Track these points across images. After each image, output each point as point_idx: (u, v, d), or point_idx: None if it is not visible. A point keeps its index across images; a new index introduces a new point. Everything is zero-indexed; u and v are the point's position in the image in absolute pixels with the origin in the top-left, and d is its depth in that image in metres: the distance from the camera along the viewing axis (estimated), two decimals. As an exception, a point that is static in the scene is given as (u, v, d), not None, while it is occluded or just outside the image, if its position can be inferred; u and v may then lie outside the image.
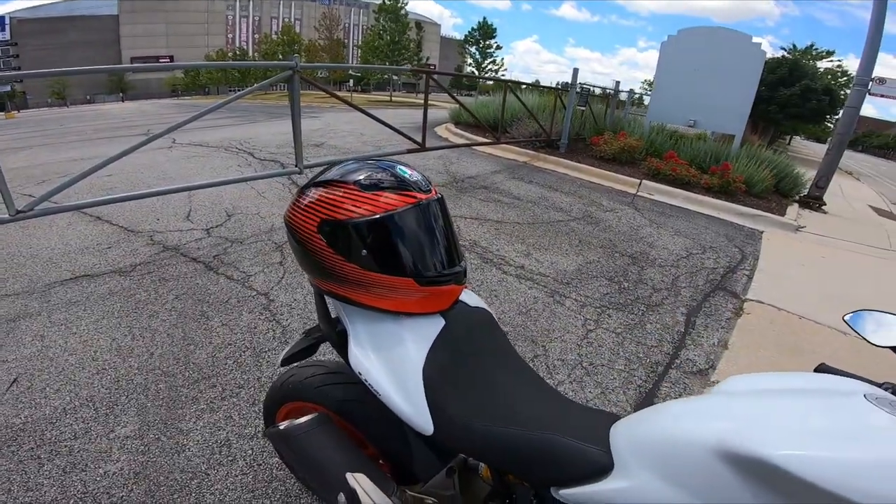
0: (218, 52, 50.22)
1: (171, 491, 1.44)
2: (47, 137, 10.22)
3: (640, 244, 3.97)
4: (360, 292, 0.87)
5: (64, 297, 2.60)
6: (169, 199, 4.22)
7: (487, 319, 1.00)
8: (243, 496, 1.43)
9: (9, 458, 1.53)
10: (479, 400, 0.84)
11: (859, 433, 0.57)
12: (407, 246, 0.85)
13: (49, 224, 3.66)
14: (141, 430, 1.68)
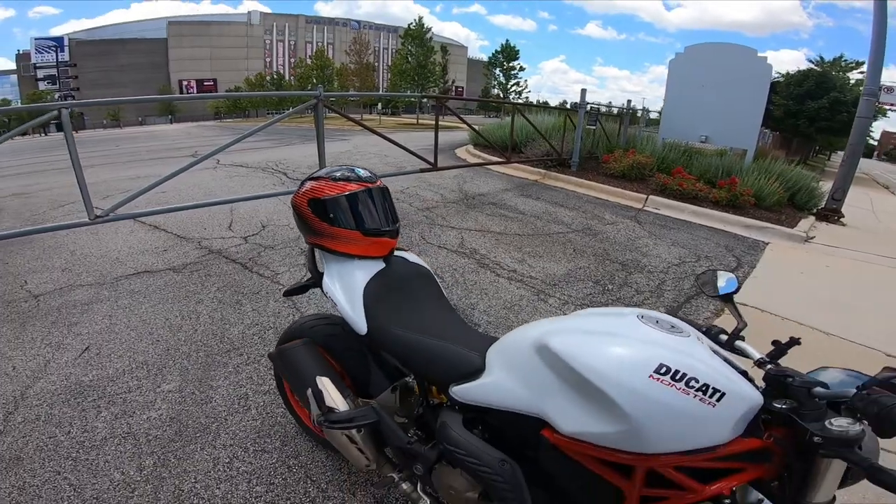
0: (257, 75, 53.15)
1: (195, 431, 1.88)
2: (106, 157, 11.35)
3: (633, 253, 4.26)
4: (331, 242, 1.36)
5: (128, 288, 3.18)
6: (214, 212, 4.87)
7: (424, 272, 1.45)
8: (250, 436, 1.86)
9: (74, 406, 2.02)
10: (400, 315, 1.26)
11: (613, 336, 0.92)
12: (356, 212, 1.33)
13: (115, 231, 4.34)
14: (181, 387, 2.16)
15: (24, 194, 6.50)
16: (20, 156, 12.46)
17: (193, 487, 1.59)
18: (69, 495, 1.54)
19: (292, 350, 1.46)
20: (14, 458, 1.70)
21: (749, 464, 0.84)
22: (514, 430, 1.03)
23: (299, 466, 1.70)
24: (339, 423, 1.25)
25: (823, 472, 0.80)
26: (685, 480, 0.84)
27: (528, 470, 1.02)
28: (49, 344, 2.52)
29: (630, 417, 0.83)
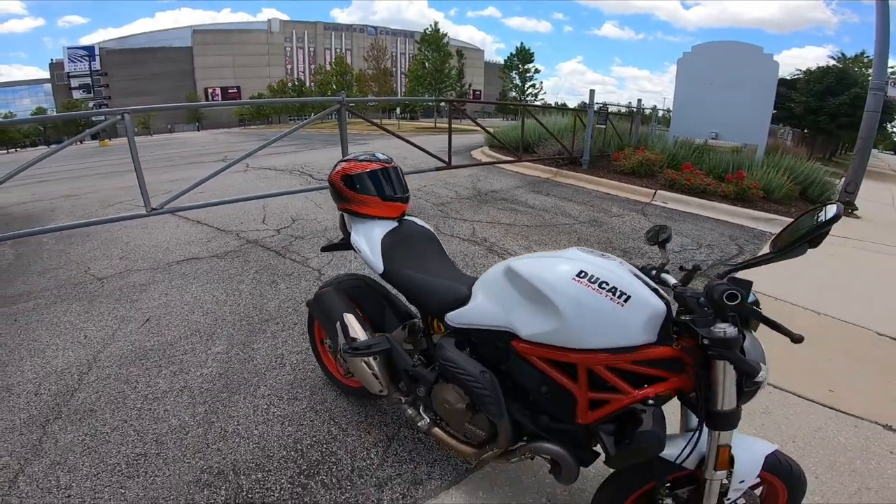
0: (279, 82, 54.63)
1: (238, 383, 2.26)
2: (145, 163, 11.94)
3: (635, 241, 4.52)
4: (357, 206, 1.76)
5: (179, 271, 3.63)
6: (248, 209, 5.34)
7: (428, 233, 1.81)
8: (284, 387, 2.22)
9: (139, 367, 2.41)
10: (408, 260, 1.62)
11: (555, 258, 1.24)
12: (376, 183, 1.73)
13: (163, 225, 4.83)
14: (227, 349, 2.55)
15: (73, 196, 7.12)
16: (60, 163, 13.33)
17: (236, 429, 1.95)
18: (133, 439, 1.89)
19: (326, 294, 1.84)
20: (88, 411, 2.07)
21: (670, 373, 1.10)
22: (492, 346, 1.34)
23: (325, 411, 2.06)
24: (359, 350, 1.61)
25: (720, 379, 1.03)
26: (618, 382, 1.12)
27: (503, 381, 1.33)
28: (115, 317, 2.96)
29: (561, 312, 1.14)
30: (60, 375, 2.34)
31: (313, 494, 1.61)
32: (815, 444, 1.96)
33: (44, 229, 4.45)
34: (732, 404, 1.06)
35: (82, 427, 1.96)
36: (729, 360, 1.00)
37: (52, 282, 3.56)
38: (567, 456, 1.24)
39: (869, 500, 1.69)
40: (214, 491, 1.62)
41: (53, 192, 7.71)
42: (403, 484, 1.66)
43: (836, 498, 1.69)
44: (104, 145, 25.73)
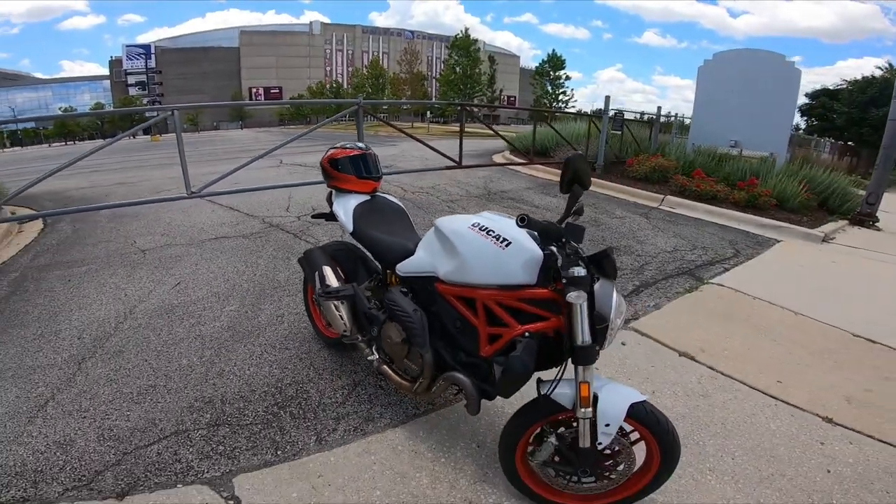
0: (318, 84, 56.52)
1: (242, 335, 2.68)
2: (189, 157, 12.97)
3: (629, 241, 4.71)
4: (339, 182, 2.19)
5: (209, 247, 4.15)
6: (276, 198, 5.88)
7: (397, 207, 2.18)
8: (279, 339, 2.63)
9: (165, 319, 2.87)
10: (373, 224, 1.98)
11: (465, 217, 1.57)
12: (354, 165, 2.12)
13: (200, 210, 5.41)
14: (238, 308, 2.99)
15: (126, 183, 7.90)
16: (114, 155, 14.54)
17: (232, 369, 2.35)
18: (148, 374, 2.31)
19: (312, 251, 2.27)
20: (117, 352, 2.52)
21: (551, 314, 1.37)
22: (425, 290, 1.68)
23: (307, 358, 2.45)
24: (330, 293, 2.00)
25: (576, 314, 1.28)
26: (506, 316, 1.41)
27: (433, 322, 1.66)
28: (151, 280, 3.47)
29: (459, 252, 1.48)
30: (100, 324, 2.83)
31: (281, 421, 1.99)
32: (742, 428, 2.04)
33: (99, 206, 5.13)
34: (588, 340, 1.31)
35: (110, 364, 2.41)
36: (576, 285, 1.26)
37: (102, 251, 4.14)
38: (471, 386, 1.55)
39: (780, 485, 1.73)
40: (201, 415, 2.02)
41: (108, 180, 8.55)
42: (358, 419, 2.00)
43: (746, 480, 1.75)
44: (155, 140, 27.42)
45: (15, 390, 2.17)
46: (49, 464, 1.72)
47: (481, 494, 1.62)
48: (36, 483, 1.64)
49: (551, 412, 1.41)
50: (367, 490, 1.63)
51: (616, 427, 1.34)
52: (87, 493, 1.60)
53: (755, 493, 1.69)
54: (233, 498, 1.58)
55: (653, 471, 1.45)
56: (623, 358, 2.58)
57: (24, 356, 2.47)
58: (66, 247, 4.35)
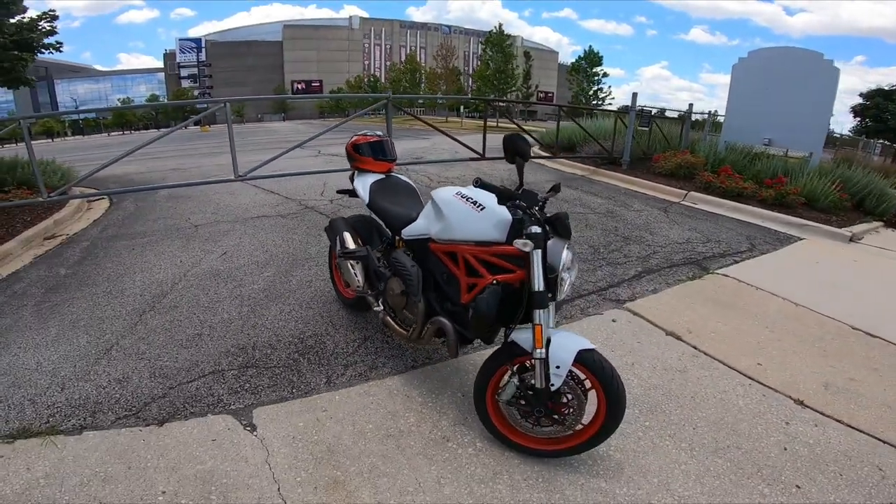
0: (356, 77, 57.60)
1: (276, 295, 3.11)
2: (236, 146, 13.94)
3: (642, 232, 4.83)
4: (359, 163, 2.60)
5: (252, 224, 4.67)
6: (312, 183, 6.41)
7: (408, 186, 2.52)
8: (306, 299, 3.06)
9: (212, 281, 3.34)
10: (386, 197, 2.32)
11: (454, 187, 1.89)
12: (372, 149, 2.51)
13: (245, 192, 6.01)
14: (274, 275, 3.43)
15: (179, 170, 8.66)
16: (168, 144, 15.68)
17: (264, 323, 2.77)
18: (196, 325, 2.76)
19: (335, 220, 2.68)
20: (172, 307, 2.99)
21: (517, 267, 1.65)
22: (422, 250, 2.00)
23: (328, 316, 2.84)
24: (347, 254, 2.38)
25: (533, 264, 1.56)
26: (480, 268, 1.73)
27: (427, 277, 1.98)
28: (202, 250, 3.98)
29: (445, 215, 1.81)
30: (159, 284, 3.32)
31: (299, 364, 2.38)
32: (710, 403, 2.16)
33: (158, 186, 5.79)
34: (541, 287, 1.59)
35: (166, 316, 2.87)
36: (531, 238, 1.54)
37: (161, 226, 4.72)
38: (451, 329, 1.86)
39: (733, 456, 1.83)
40: (235, 358, 2.44)
41: (164, 166, 9.35)
42: (364, 367, 2.36)
43: (701, 448, 1.87)
44: (204, 131, 28.98)
45: (85, 337, 2.65)
46: (107, 397, 2.13)
47: (458, 434, 1.92)
48: (94, 413, 2.02)
49: (514, 355, 1.69)
50: (362, 423, 1.98)
51: (566, 369, 1.58)
52: (135, 420, 1.98)
53: (707, 462, 1.81)
54: (250, 425, 1.96)
55: (600, 420, 1.65)
56: (611, 333, 2.81)
57: (94, 309, 2.98)
58: (130, 221, 4.96)
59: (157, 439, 1.87)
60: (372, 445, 1.86)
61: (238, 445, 1.85)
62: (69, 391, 2.17)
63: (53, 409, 2.05)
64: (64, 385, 2.21)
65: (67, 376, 2.28)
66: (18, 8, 6.66)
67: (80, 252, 4.06)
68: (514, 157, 1.77)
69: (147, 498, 1.61)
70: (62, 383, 2.22)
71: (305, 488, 1.66)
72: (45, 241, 4.38)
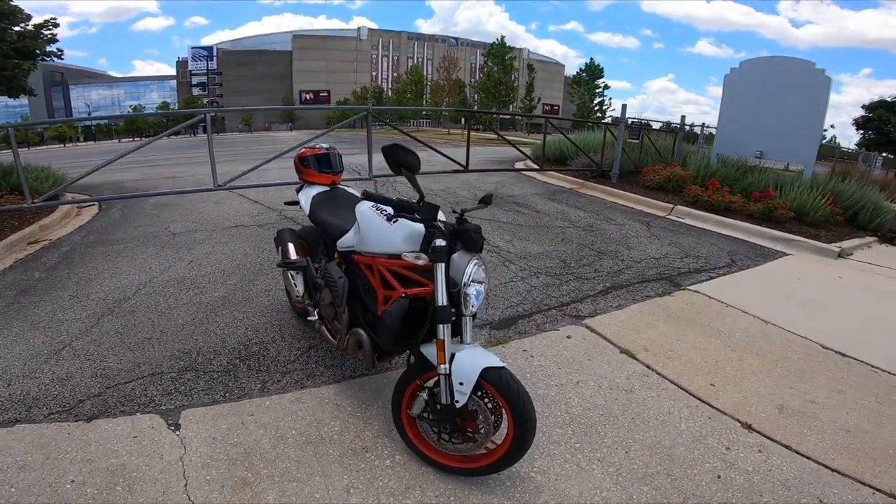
0: (362, 88, 58.28)
1: (233, 303, 3.14)
2: (236, 155, 14.14)
3: (618, 246, 4.81)
4: (306, 175, 2.64)
5: (228, 233, 4.72)
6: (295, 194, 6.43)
7: (354, 196, 2.51)
8: (261, 308, 3.09)
9: (175, 288, 3.38)
10: (327, 209, 2.34)
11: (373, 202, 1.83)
12: (318, 161, 2.57)
13: (229, 202, 6.09)
14: (237, 283, 3.47)
15: (174, 178, 8.80)
16: (173, 152, 15.97)
17: (215, 329, 2.80)
18: (148, 329, 2.80)
19: (283, 230, 2.71)
20: (130, 312, 3.03)
21: (428, 280, 1.63)
22: (349, 260, 2.02)
23: (278, 324, 2.87)
24: (288, 263, 2.41)
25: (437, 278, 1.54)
26: (392, 280, 1.74)
27: (353, 288, 1.99)
28: (174, 257, 4.03)
29: (361, 227, 1.84)
30: (123, 290, 3.37)
31: (237, 370, 2.41)
32: (650, 425, 2.08)
33: (142, 194, 5.88)
34: (443, 301, 1.57)
35: (122, 320, 2.92)
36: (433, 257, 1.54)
37: (141, 233, 4.80)
38: (367, 339, 1.88)
39: (660, 483, 1.76)
40: (177, 361, 2.47)
41: (160, 174, 9.51)
42: (301, 375, 2.38)
43: (629, 474, 1.79)
44: (213, 138, 29.32)
45: (42, 337, 2.71)
46: (46, 394, 2.18)
47: (379, 446, 1.91)
48: (30, 408, 2.08)
49: (425, 370, 1.68)
50: (285, 428, 1.98)
51: (469, 386, 1.54)
52: (66, 416, 2.03)
53: (632, 489, 1.73)
54: (175, 425, 1.99)
55: (509, 440, 1.60)
56: (562, 350, 2.77)
57: (56, 311, 3.03)
58: (112, 228, 5.05)
59: (81, 434, 1.92)
60: (290, 451, 1.86)
61: (157, 443, 1.88)
62: (13, 387, 2.22)
63: (-6, 403, 2.09)
64: (10, 381, 2.27)
65: (16, 374, 2.33)
66: (22, 17, 6.87)
67: (57, 257, 4.14)
68: (398, 168, 1.68)
69: (56, 485, 1.66)
70: (9, 380, 2.28)
71: (212, 486, 1.68)
72: (28, 246, 4.47)
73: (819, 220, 6.21)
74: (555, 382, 2.41)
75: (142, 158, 11.20)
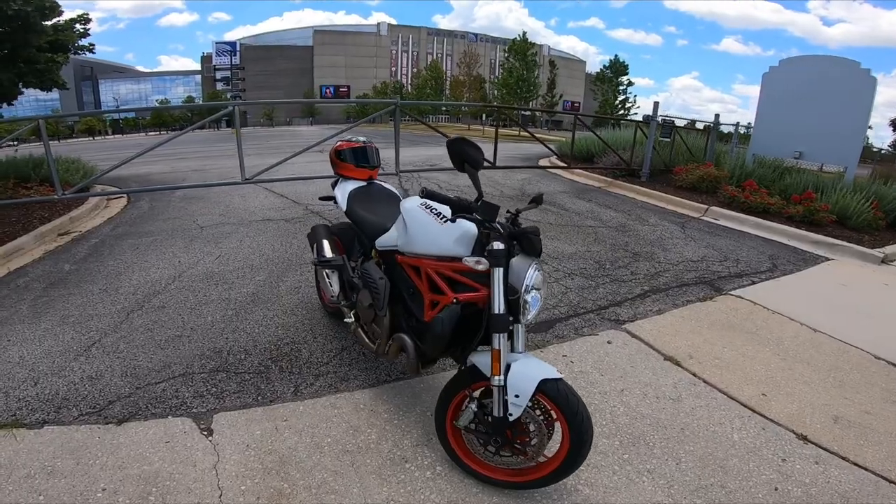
0: (382, 83, 58.37)
1: (262, 300, 3.08)
2: (259, 149, 14.22)
3: (654, 247, 4.62)
4: (341, 169, 2.55)
5: (255, 227, 4.69)
6: (321, 187, 6.38)
7: (391, 193, 2.44)
8: (291, 306, 3.01)
9: (204, 283, 3.34)
10: (364, 205, 2.24)
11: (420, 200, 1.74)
12: (354, 155, 2.45)
13: (255, 195, 6.07)
14: (265, 279, 3.41)
15: (200, 171, 8.87)
16: (198, 145, 16.20)
17: (245, 327, 2.74)
18: (178, 326, 2.74)
19: (316, 227, 2.62)
20: (160, 307, 2.99)
21: (481, 285, 1.51)
22: (391, 261, 1.90)
23: (309, 323, 2.79)
24: (323, 262, 2.31)
25: (494, 284, 1.43)
26: (442, 284, 1.60)
27: (395, 290, 1.88)
28: (202, 251, 4.01)
29: (408, 226, 1.71)
30: (153, 284, 3.34)
31: (269, 371, 2.33)
32: (701, 436, 1.99)
33: (171, 187, 5.92)
34: (500, 309, 1.45)
35: (151, 316, 2.88)
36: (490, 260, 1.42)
37: (169, 226, 4.81)
38: (411, 346, 1.76)
39: (714, 496, 1.68)
40: (207, 362, 2.40)
41: (187, 166, 9.61)
42: (335, 378, 2.28)
43: (681, 486, 1.72)
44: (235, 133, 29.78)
45: (72, 332, 2.68)
46: (76, 393, 2.13)
47: (419, 455, 1.81)
48: (59, 409, 2.02)
49: (475, 379, 1.57)
50: (321, 436, 1.89)
51: (525, 399, 1.44)
52: (96, 418, 1.97)
53: (684, 502, 1.65)
54: (207, 430, 1.91)
55: (563, 454, 1.50)
56: (603, 355, 2.65)
57: (86, 306, 3.01)
58: (141, 220, 5.07)
59: (112, 437, 1.86)
60: (326, 460, 1.78)
61: (190, 449, 1.81)
62: (42, 386, 2.18)
63: (22, 403, 2.06)
64: (38, 379, 2.23)
65: (44, 371, 2.29)
66: (55, 12, 6.97)
67: (87, 249, 4.16)
68: (462, 164, 1.62)
69: (87, 493, 1.60)
70: (37, 378, 2.24)
71: (247, 497, 1.60)
72: (59, 238, 4.51)
73: (861, 225, 5.92)
74: (598, 390, 2.32)
75: (168, 151, 11.36)
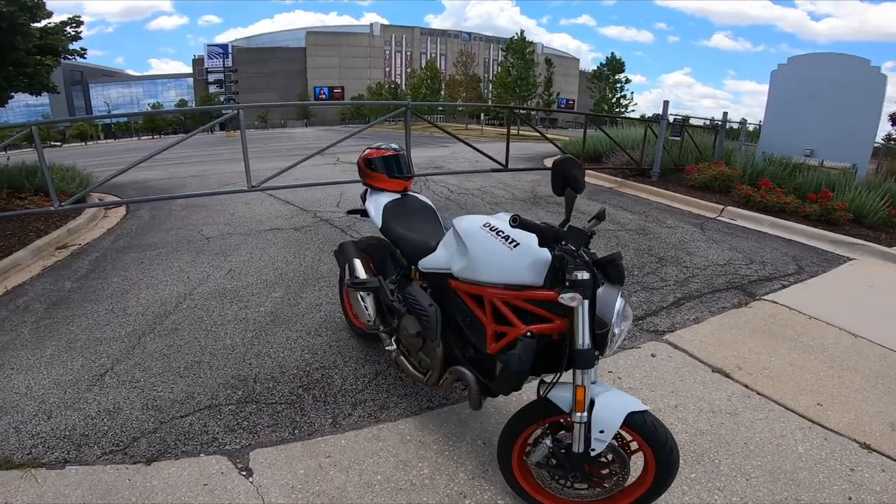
0: (376, 84, 58.07)
1: (283, 320, 2.89)
2: (257, 152, 13.96)
3: (678, 251, 4.48)
4: (372, 181, 2.35)
5: (264, 237, 4.48)
6: (328, 194, 6.23)
7: (427, 205, 2.27)
8: (314, 326, 2.82)
9: (218, 301, 3.15)
10: (401, 221, 2.06)
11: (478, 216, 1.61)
12: (386, 165, 2.25)
13: (260, 203, 5.86)
14: (282, 296, 3.21)
15: (200, 176, 8.65)
16: (195, 149, 15.91)
17: (268, 351, 2.55)
18: (196, 351, 2.55)
19: (345, 244, 2.42)
20: (173, 329, 2.79)
21: (555, 316, 1.35)
22: (441, 285, 1.72)
23: (337, 346, 2.60)
24: (357, 283, 2.12)
25: (578, 317, 1.28)
26: (510, 315, 1.42)
27: (447, 318, 1.71)
28: (211, 265, 3.81)
29: (470, 251, 1.52)
30: (163, 303, 3.15)
31: (303, 402, 2.14)
32: (766, 449, 1.93)
33: (173, 196, 5.70)
34: (587, 344, 1.30)
35: (165, 340, 2.68)
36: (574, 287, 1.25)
37: (173, 237, 4.60)
38: (474, 381, 1.59)
39: None
40: (234, 391, 2.21)
41: (185, 172, 9.37)
42: (374, 407, 2.11)
43: (755, 502, 1.67)
44: (230, 136, 29.36)
45: (80, 359, 2.48)
46: (95, 429, 1.95)
47: (477, 490, 1.66)
48: (80, 446, 1.85)
49: (549, 414, 1.42)
50: (370, 473, 1.73)
51: (611, 434, 1.32)
52: (122, 457, 1.79)
53: None
54: (246, 469, 1.74)
55: (647, 484, 1.41)
56: (650, 370, 2.51)
57: (93, 329, 2.81)
58: (142, 231, 4.86)
59: (144, 479, 1.69)
60: (380, 499, 1.62)
61: (231, 492, 1.64)
62: (56, 420, 2.00)
63: (37, 440, 1.88)
64: (51, 413, 2.04)
65: (56, 403, 2.11)
66: (43, 13, 6.71)
67: (88, 264, 3.95)
68: (562, 188, 1.44)
69: None
70: (50, 411, 2.06)
71: None
72: (57, 251, 4.30)
73: (877, 223, 5.85)
74: (652, 407, 2.14)
75: (164, 156, 11.06)
